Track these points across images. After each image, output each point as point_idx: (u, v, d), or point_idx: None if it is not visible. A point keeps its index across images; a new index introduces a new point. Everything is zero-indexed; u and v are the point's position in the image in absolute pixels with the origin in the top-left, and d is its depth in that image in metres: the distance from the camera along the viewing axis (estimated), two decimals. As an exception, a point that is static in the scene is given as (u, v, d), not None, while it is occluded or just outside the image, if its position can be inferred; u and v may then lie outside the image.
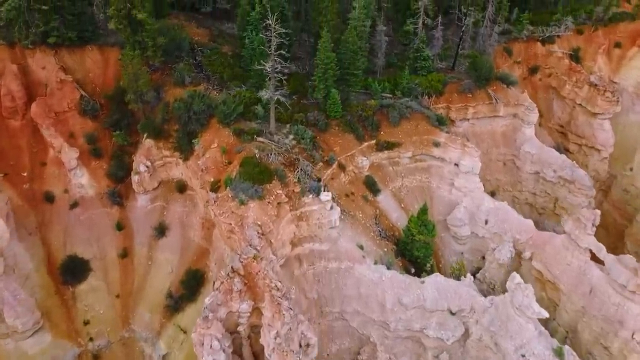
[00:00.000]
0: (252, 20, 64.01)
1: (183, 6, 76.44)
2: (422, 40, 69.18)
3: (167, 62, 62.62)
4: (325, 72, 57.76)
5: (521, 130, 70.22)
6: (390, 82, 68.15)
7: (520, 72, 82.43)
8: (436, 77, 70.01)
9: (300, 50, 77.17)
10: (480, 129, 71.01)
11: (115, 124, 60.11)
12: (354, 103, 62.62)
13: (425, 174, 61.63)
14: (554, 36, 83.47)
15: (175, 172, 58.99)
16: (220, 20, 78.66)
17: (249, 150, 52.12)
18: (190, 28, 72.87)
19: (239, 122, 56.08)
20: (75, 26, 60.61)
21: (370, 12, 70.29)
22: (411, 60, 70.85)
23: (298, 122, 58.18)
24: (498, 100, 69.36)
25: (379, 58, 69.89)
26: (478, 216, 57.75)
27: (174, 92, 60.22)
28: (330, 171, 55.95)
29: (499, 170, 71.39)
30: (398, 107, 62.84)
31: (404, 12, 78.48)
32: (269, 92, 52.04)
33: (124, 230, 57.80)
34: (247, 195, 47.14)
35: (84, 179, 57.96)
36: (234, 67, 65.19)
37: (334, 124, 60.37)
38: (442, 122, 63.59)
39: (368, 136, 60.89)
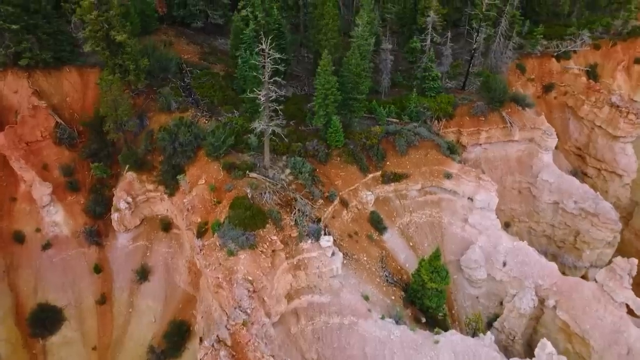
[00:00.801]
0: (245, 39, 57.94)
1: (173, 21, 70.36)
2: (430, 59, 63.04)
3: (152, 85, 56.48)
4: (325, 98, 51.63)
5: (538, 156, 64.12)
6: (397, 105, 62.00)
7: (534, 90, 76.34)
8: (446, 99, 63.88)
9: (298, 67, 71.09)
10: (493, 155, 64.94)
11: (94, 154, 53.97)
12: (357, 130, 56.45)
13: (435, 208, 55.48)
14: (570, 51, 77.39)
15: (160, 208, 52.84)
16: (212, 35, 72.54)
17: (240, 189, 45.97)
18: (179, 45, 66.74)
19: (230, 154, 49.91)
20: (51, 46, 54.53)
21: (374, 28, 64.25)
22: (418, 80, 64.73)
23: (295, 153, 52.04)
24: (513, 124, 63.28)
25: (384, 78, 63.75)
26: (495, 257, 51.58)
27: (159, 118, 54.11)
28: (331, 209, 49.82)
29: (513, 200, 65.29)
30: (405, 134, 56.69)
31: (410, 26, 72.54)
32: (263, 123, 45.92)
33: (102, 274, 51.66)
34: (237, 244, 41.00)
35: (58, 216, 51.83)
36: (225, 89, 59.03)
37: (336, 154, 54.22)
38: (454, 151, 57.42)
39: (373, 167, 54.74)
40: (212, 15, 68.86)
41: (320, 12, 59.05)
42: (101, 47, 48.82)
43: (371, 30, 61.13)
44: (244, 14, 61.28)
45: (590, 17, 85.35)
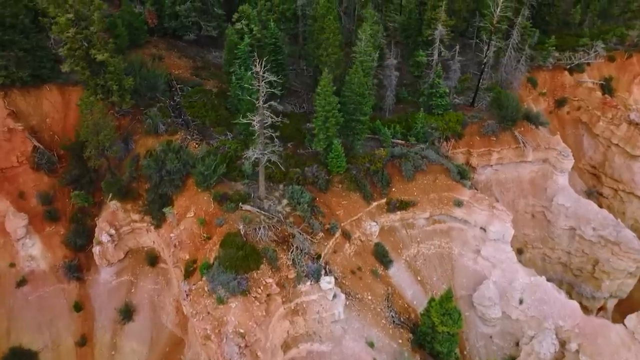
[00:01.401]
0: (240, 54, 53.48)
1: (164, 32, 65.86)
2: (437, 75, 58.45)
3: (139, 105, 51.91)
4: (326, 121, 47.14)
5: (553, 178, 59.58)
6: (402, 124, 57.48)
7: (546, 105, 71.85)
8: (454, 117, 59.36)
9: (297, 82, 66.54)
10: (505, 176, 60.41)
11: (76, 180, 49.43)
12: (360, 153, 51.92)
13: (445, 238, 50.97)
14: (583, 64, 72.89)
15: (146, 240, 48.32)
16: (206, 47, 67.98)
17: (232, 224, 41.46)
18: (170, 59, 62.19)
19: (222, 183, 45.40)
20: (29, 63, 49.98)
21: (377, 40, 59.80)
22: (425, 97, 60.17)
23: (294, 180, 47.52)
24: (526, 143, 58.74)
25: (388, 95, 59.21)
26: (510, 294, 47.07)
27: (145, 142, 49.57)
28: (332, 242, 45.30)
29: (526, 224, 60.75)
30: (412, 157, 52.18)
31: (415, 37, 68.06)
32: (257, 151, 41.41)
33: (82, 312, 47.14)
34: (227, 290, 36.50)
35: (35, 250, 47.32)
36: (218, 109, 54.49)
37: (337, 180, 49.69)
38: (465, 176, 52.90)
39: (377, 194, 50.19)
40: (205, 27, 64.30)
41: (320, 25, 54.60)
42: (81, 66, 44.32)
43: (374, 43, 56.72)
44: (238, 27, 56.80)
45: (602, 26, 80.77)
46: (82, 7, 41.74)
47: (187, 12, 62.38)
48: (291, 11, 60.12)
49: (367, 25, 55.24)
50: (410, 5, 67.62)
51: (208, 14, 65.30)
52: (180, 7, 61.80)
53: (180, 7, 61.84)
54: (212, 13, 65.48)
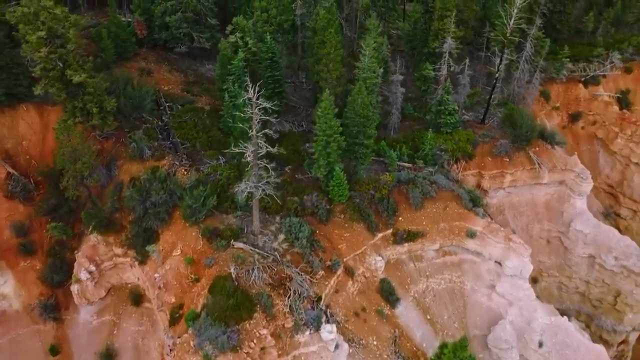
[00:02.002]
0: (234, 69, 49.10)
1: (154, 44, 61.38)
2: (446, 91, 53.95)
3: (124, 127, 47.47)
4: (327, 146, 42.75)
5: (570, 201, 55.19)
6: (408, 145, 53.07)
7: (559, 119, 67.51)
8: (464, 136, 54.92)
9: (295, 96, 62.13)
10: (518, 199, 56.01)
11: (53, 210, 45.05)
12: (363, 179, 47.52)
13: (456, 271, 46.56)
14: (599, 76, 68.52)
15: (130, 276, 43.93)
16: (199, 59, 63.43)
17: (222, 265, 37.06)
18: (159, 73, 57.71)
19: (212, 216, 41.01)
20: (4, 81, 45.72)
21: (382, 53, 55.41)
22: (432, 114, 55.71)
23: (291, 211, 43.11)
24: (541, 164, 54.37)
25: (394, 113, 54.75)
26: (529, 336, 42.69)
27: (129, 168, 45.13)
28: (334, 281, 40.88)
29: (541, 251, 56.36)
30: (420, 183, 47.76)
31: (421, 49, 63.53)
32: (251, 184, 36.99)
33: (60, 356, 42.84)
34: (215, 346, 32.11)
35: (7, 287, 43.01)
36: (210, 129, 50.01)
37: (339, 210, 45.28)
38: (477, 203, 48.47)
39: (383, 224, 45.77)
40: (197, 39, 59.80)
41: (320, 38, 50.11)
42: (56, 88, 39.84)
43: (379, 57, 52.32)
44: (232, 40, 52.34)
45: (617, 35, 76.37)
46: (55, 23, 37.26)
47: (178, 23, 57.88)
48: (289, 22, 55.63)
49: (371, 38, 50.87)
50: (415, 15, 63.12)
51: (201, 25, 60.83)
52: (170, 18, 57.32)
53: (170, 17, 57.36)
54: (205, 23, 61.01)
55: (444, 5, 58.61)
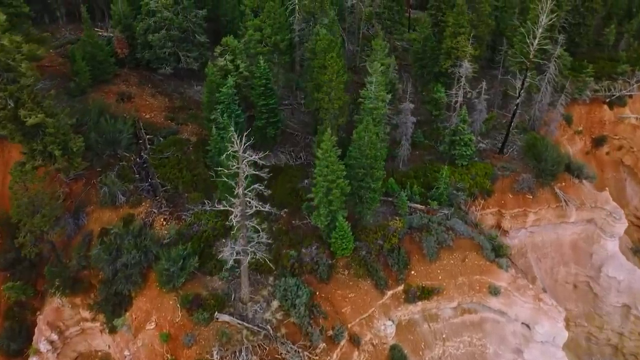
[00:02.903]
0: (222, 97, 42.79)
1: (137, 63, 54.92)
2: (462, 119, 47.56)
3: (95, 166, 41.10)
4: (328, 193, 36.39)
5: (600, 242, 48.86)
6: (420, 181, 46.69)
7: (582, 144, 61.14)
8: (482, 170, 48.56)
9: (293, 120, 55.80)
10: (541, 239, 49.66)
11: (11, 265, 38.58)
12: (370, 225, 41.15)
13: (477, 332, 40.21)
14: (625, 96, 62.12)
15: (100, 343, 37.57)
16: (187, 80, 56.88)
17: (204, 345, 30.74)
18: (141, 98, 51.15)
19: (193, 279, 34.64)
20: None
21: (390, 74, 49.04)
22: (446, 145, 49.32)
23: (287, 268, 36.77)
24: (568, 202, 48.05)
25: (403, 145, 48.33)
26: (564, 414, 36.38)
27: (100, 216, 38.74)
28: (337, 354, 34.52)
29: (568, 297, 50.03)
30: (435, 229, 41.37)
31: (431, 67, 57.18)
32: (238, 248, 30.62)
33: None
34: None
35: (-43, 358, 36.53)
36: (196, 166, 43.60)
37: (342, 265, 38.90)
38: (501, 252, 42.06)
39: (393, 280, 39.37)
40: (184, 59, 53.28)
41: (321, 62, 43.74)
42: (8, 130, 33.38)
43: (386, 81, 45.93)
44: (221, 63, 45.99)
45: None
46: (3, 56, 30.81)
47: (162, 41, 51.39)
48: (286, 42, 49.11)
49: (378, 62, 44.56)
50: (425, 31, 56.69)
51: (188, 42, 54.35)
52: (153, 37, 50.81)
53: (153, 36, 50.85)
54: (193, 41, 54.54)
55: (457, 22, 52.37)
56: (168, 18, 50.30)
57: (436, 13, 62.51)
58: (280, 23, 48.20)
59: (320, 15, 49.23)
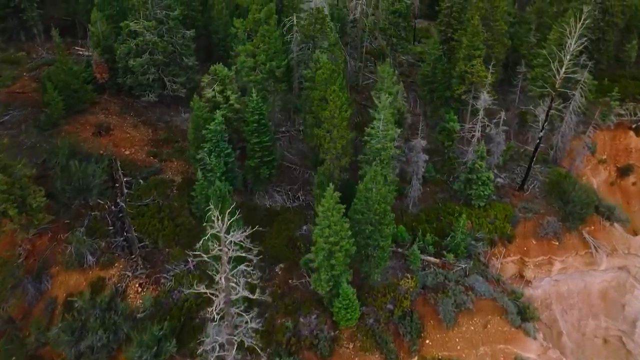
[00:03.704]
0: (210, 135, 37.31)
1: (119, 89, 49.29)
2: (480, 156, 42.00)
3: (62, 217, 35.54)
4: (330, 256, 30.89)
5: (633, 293, 43.42)
6: (433, 226, 41.23)
7: (607, 174, 55.43)
8: (502, 212, 43.06)
9: (291, 150, 50.33)
10: (567, 288, 44.17)
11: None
12: (378, 285, 35.63)
13: (501, 410, 34.65)
14: (653, 121, 56.50)
15: None
16: (174, 106, 51.16)
17: None
18: (121, 130, 45.46)
19: (172, 362, 29.11)
20: None
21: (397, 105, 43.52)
22: (461, 183, 43.79)
23: (282, 346, 31.24)
24: (599, 248, 42.57)
25: (414, 185, 42.77)
26: None
27: (66, 279, 33.17)
28: None
29: (597, 353, 44.49)
30: (452, 289, 35.84)
31: (442, 92, 51.65)
32: (221, 339, 25.06)
33: None
34: None
35: None
36: (179, 214, 38.00)
37: (346, 336, 33.31)
38: (528, 316, 36.46)
39: (405, 352, 33.83)
40: (170, 85, 47.64)
41: (321, 94, 38.32)
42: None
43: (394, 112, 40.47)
44: (209, 94, 40.44)
45: (666, 66, 64.35)
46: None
47: (145, 67, 45.78)
48: (282, 69, 43.48)
49: (385, 92, 39.08)
50: (434, 52, 51.12)
51: (175, 66, 48.77)
52: (134, 62, 45.17)
53: (134, 61, 45.21)
54: (180, 64, 48.95)
55: (472, 43, 46.78)
56: (151, 41, 44.63)
57: (446, 29, 57.02)
58: (276, 48, 42.59)
59: (320, 38, 43.63)
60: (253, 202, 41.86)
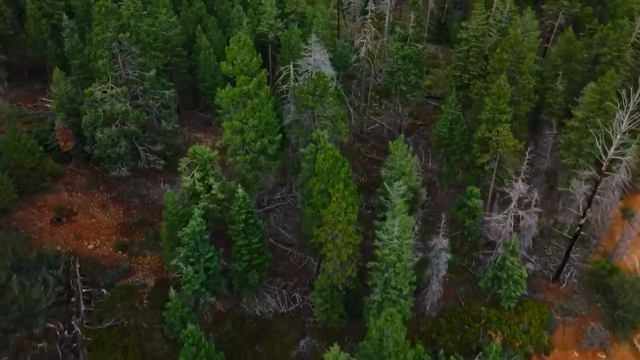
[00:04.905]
0: (186, 239, 30.16)
1: (87, 157, 41.88)
2: (512, 251, 34.76)
3: (0, 354, 28.24)
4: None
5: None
6: (456, 339, 34.11)
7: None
8: (536, 314, 35.95)
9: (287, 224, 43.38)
10: (613, 404, 36.88)
11: None
12: None
13: None
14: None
15: None
16: (151, 176, 43.63)
17: None
18: (85, 213, 38.24)
19: None
20: None
21: (412, 184, 36.23)
22: (488, 280, 36.56)
23: None
24: (652, 360, 35.34)
25: (432, 288, 35.38)
26: None
27: None
28: None
29: None
30: None
31: (461, 154, 44.45)
32: None
33: None
34: None
35: None
36: (150, 336, 30.79)
37: None
38: None
39: None
40: (144, 157, 40.25)
41: (322, 186, 31.13)
42: None
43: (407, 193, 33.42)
44: (186, 184, 33.14)
45: None
46: None
47: (115, 139, 38.41)
48: (275, 146, 36.11)
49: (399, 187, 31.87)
50: (453, 112, 43.81)
51: (152, 130, 41.58)
52: (101, 134, 37.78)
53: (101, 132, 37.84)
54: (158, 129, 41.73)
55: (498, 106, 39.54)
56: (121, 111, 37.29)
57: (461, 75, 50.12)
58: (267, 123, 35.26)
59: (321, 109, 36.34)
60: (240, 309, 34.67)
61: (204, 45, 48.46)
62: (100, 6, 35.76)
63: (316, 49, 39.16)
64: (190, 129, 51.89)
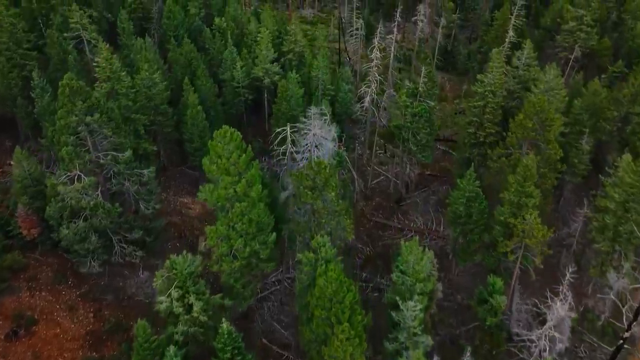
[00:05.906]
0: None
1: (55, 244, 36.28)
2: (545, 374, 29.46)
3: None
4: None
5: None
6: None
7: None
8: None
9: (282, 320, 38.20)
10: None
11: None
12: None
13: None
14: None
15: None
16: (128, 264, 37.90)
17: None
18: (49, 320, 32.77)
19: None
20: None
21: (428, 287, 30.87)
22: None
23: None
24: None
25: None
26: None
27: None
28: None
29: None
30: None
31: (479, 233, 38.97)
32: None
33: None
34: None
35: None
36: None
37: None
38: None
39: None
40: (120, 250, 34.76)
41: (326, 303, 25.80)
42: None
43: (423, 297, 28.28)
44: (163, 305, 27.65)
45: None
46: None
47: (83, 235, 32.92)
48: (269, 250, 30.62)
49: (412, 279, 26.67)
50: (471, 188, 38.36)
51: (129, 213, 36.14)
52: (67, 230, 32.30)
53: (67, 229, 32.35)
54: (136, 214, 36.30)
55: (523, 189, 34.36)
56: (88, 207, 31.80)
57: (476, 132, 45.24)
58: (260, 224, 29.82)
59: (322, 216, 30.83)
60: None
61: (192, 103, 43.21)
62: (64, 86, 30.24)
63: (316, 123, 34.00)
64: (176, 192, 46.78)
